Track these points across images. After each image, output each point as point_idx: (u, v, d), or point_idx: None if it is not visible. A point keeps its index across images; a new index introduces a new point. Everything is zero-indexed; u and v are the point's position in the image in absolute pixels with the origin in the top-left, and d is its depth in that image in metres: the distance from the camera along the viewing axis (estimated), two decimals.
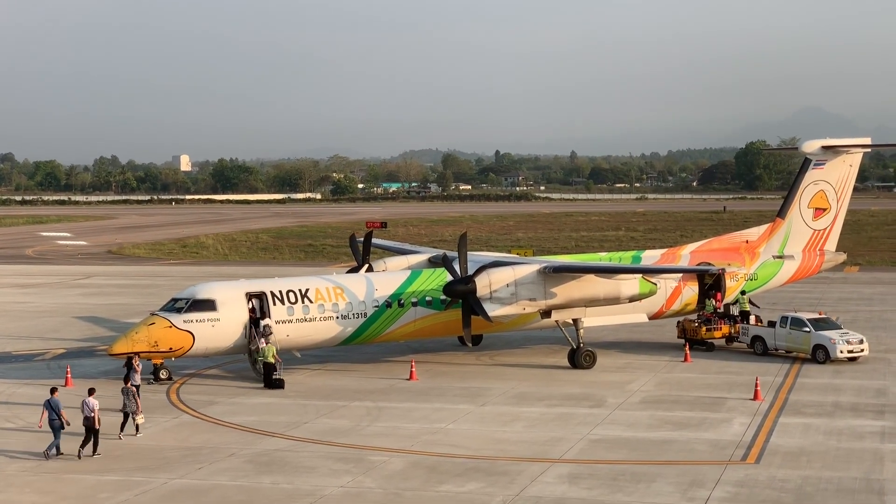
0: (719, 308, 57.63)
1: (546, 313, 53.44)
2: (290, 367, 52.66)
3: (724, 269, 56.93)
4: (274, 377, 49.55)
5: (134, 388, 41.79)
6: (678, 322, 58.87)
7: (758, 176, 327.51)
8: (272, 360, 49.62)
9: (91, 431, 38.17)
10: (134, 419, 40.93)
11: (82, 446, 38.03)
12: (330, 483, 34.70)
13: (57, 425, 38.15)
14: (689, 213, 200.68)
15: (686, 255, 59.85)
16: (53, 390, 39.52)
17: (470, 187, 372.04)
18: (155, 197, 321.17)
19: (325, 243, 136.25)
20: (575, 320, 54.11)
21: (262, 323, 50.39)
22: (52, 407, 38.31)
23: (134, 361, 46.13)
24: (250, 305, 50.80)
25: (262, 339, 50.04)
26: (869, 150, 64.38)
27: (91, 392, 38.95)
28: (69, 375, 51.11)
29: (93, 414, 38.11)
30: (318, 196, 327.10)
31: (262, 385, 49.65)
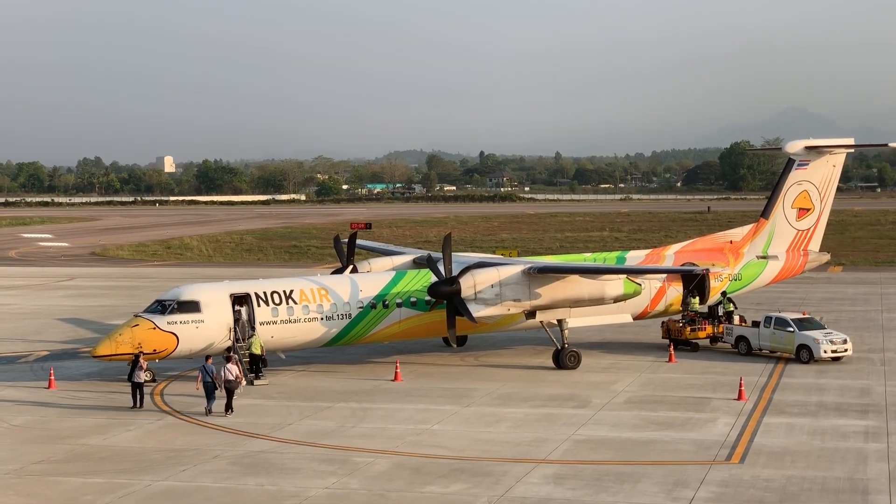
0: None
1: (531, 314, 53.47)
2: (274, 369, 52.58)
3: (708, 270, 57.06)
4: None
5: (236, 357, 47.08)
6: (662, 322, 58.99)
7: (741, 176, 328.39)
8: (258, 352, 49.67)
9: (230, 393, 44.32)
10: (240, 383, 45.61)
11: (228, 406, 44.17)
12: (315, 484, 34.65)
13: (211, 387, 44.17)
14: (673, 213, 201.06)
15: (670, 255, 59.97)
16: (208, 357, 45.58)
17: (454, 188, 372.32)
18: (139, 198, 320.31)
19: (310, 244, 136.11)
20: (559, 321, 54.17)
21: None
22: (206, 371, 44.38)
23: (140, 359, 46.50)
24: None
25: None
26: (852, 150, 64.60)
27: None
28: (52, 377, 50.90)
29: (233, 377, 44.28)
30: (303, 197, 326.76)
31: (246, 385, 49.53)
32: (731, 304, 58.22)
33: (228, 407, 44.35)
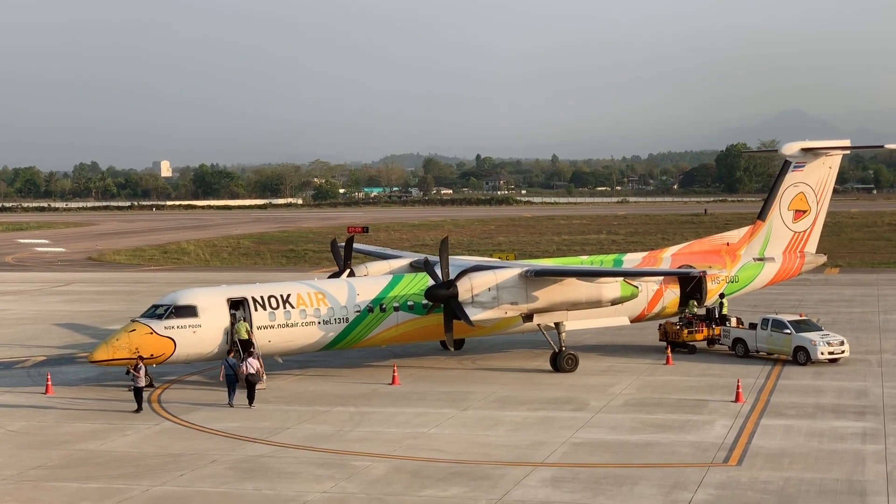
0: None
1: (528, 317, 53.46)
2: (271, 373, 52.55)
3: (705, 272, 57.09)
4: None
5: (257, 352, 48.50)
6: (660, 325, 59.00)
7: (738, 178, 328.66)
8: (246, 336, 49.52)
9: (251, 386, 46.33)
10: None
11: (250, 399, 46.26)
12: (313, 489, 34.63)
13: (232, 380, 46.47)
14: (670, 215, 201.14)
15: (667, 257, 59.98)
16: (229, 352, 48.43)
17: (451, 191, 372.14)
18: (135, 203, 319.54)
19: (307, 248, 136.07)
20: (557, 324, 54.18)
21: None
22: (229, 364, 46.84)
23: (136, 364, 46.49)
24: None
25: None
26: (848, 152, 64.69)
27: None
28: (49, 383, 50.82)
29: (254, 371, 46.40)
30: (300, 201, 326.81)
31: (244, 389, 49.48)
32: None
33: (251, 399, 46.28)
